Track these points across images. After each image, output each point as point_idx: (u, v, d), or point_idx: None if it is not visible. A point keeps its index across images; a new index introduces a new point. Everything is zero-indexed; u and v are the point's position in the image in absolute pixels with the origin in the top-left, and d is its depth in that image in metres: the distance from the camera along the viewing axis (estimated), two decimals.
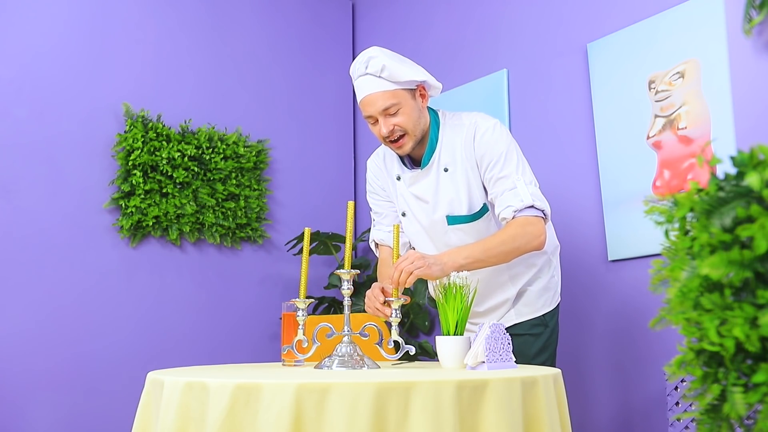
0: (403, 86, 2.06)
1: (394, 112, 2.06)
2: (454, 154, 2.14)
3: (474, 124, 2.15)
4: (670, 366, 0.99)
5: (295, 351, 1.96)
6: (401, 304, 1.93)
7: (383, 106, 2.05)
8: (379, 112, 2.06)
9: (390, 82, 2.04)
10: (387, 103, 2.04)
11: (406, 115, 2.07)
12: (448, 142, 2.15)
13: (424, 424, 1.38)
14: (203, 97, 3.49)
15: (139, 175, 3.18)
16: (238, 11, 3.66)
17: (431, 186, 2.16)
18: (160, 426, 1.52)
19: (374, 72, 2.04)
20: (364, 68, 2.06)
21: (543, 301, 2.25)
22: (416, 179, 2.19)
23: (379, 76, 2.04)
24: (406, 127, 2.08)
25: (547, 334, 2.25)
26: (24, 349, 2.94)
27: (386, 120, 2.06)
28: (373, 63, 2.04)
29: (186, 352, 3.29)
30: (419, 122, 2.11)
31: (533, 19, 3.05)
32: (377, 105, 2.05)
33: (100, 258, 3.15)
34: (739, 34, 2.32)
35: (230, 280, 3.48)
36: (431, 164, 2.16)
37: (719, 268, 0.89)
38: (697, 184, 0.97)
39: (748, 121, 2.29)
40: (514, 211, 2.02)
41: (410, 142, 2.11)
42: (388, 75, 2.03)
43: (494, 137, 2.11)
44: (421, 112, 2.12)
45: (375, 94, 2.05)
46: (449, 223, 2.16)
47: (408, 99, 2.08)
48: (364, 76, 2.06)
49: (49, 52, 3.12)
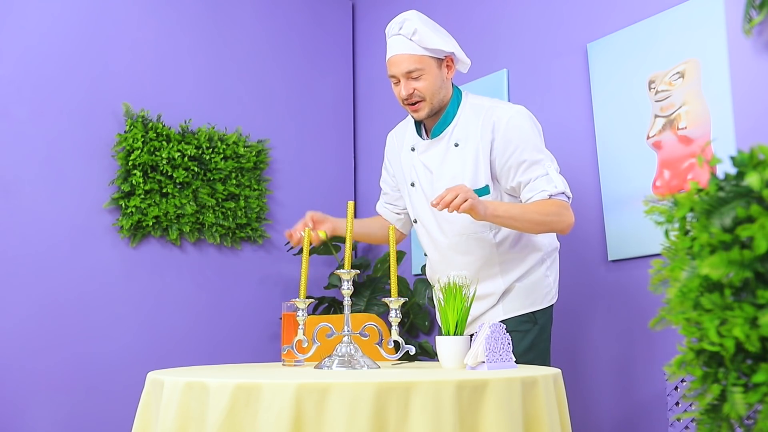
0: (431, 53, 2.12)
1: (417, 76, 2.12)
2: (468, 132, 2.18)
3: (496, 109, 2.18)
4: (670, 366, 0.99)
5: (295, 351, 1.96)
6: (401, 305, 1.93)
7: (407, 68, 2.12)
8: (402, 73, 2.13)
9: (419, 47, 2.11)
10: (411, 66, 2.11)
11: (427, 82, 2.13)
12: (464, 120, 2.19)
13: (424, 424, 1.39)
14: (203, 97, 3.49)
15: (139, 175, 3.18)
16: (238, 11, 3.65)
17: (438, 157, 2.21)
18: (160, 426, 1.52)
19: (406, 34, 2.12)
20: (398, 28, 2.14)
21: (533, 298, 2.24)
22: (427, 148, 2.24)
23: (410, 38, 2.11)
24: (425, 93, 2.13)
25: (536, 332, 2.22)
26: (24, 348, 2.94)
27: (407, 83, 2.13)
28: (407, 25, 2.12)
29: (186, 352, 3.29)
30: (439, 91, 2.16)
31: (533, 19, 3.05)
32: (402, 66, 2.13)
33: (100, 258, 3.15)
34: (739, 34, 2.32)
35: (230, 280, 3.48)
36: (443, 136, 2.21)
37: (719, 268, 0.89)
38: (697, 184, 0.97)
39: (748, 121, 2.29)
40: (549, 195, 2.08)
41: (427, 108, 2.16)
42: (418, 39, 2.10)
43: (520, 123, 2.15)
44: (444, 83, 2.18)
45: (402, 55, 2.13)
46: None
47: (433, 67, 2.14)
48: (397, 35, 2.14)
49: (49, 51, 3.12)
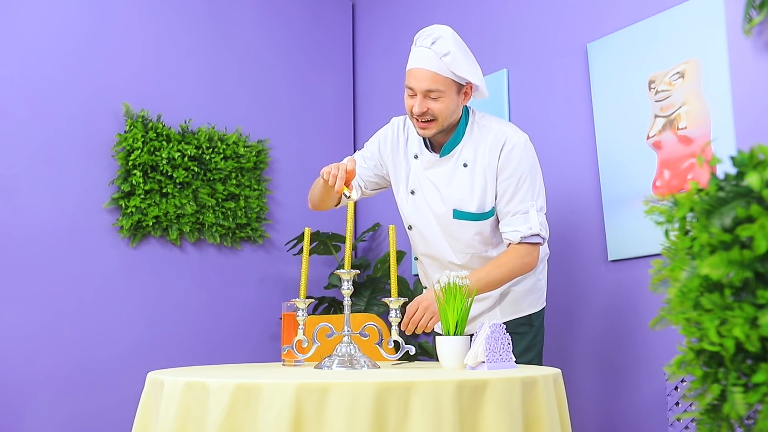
0: (455, 79, 2.08)
1: (436, 97, 2.07)
2: (476, 153, 2.17)
3: (504, 134, 2.17)
4: (670, 366, 0.99)
5: (295, 351, 1.96)
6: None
7: (429, 87, 2.06)
8: (422, 90, 2.07)
9: (447, 69, 2.05)
10: (433, 86, 2.06)
11: (443, 105, 2.08)
12: (473, 141, 2.18)
13: (424, 424, 1.39)
14: (203, 97, 3.49)
15: (139, 175, 3.18)
16: (238, 11, 3.66)
17: (446, 176, 2.19)
18: (160, 426, 1.52)
19: (438, 51, 2.05)
20: (429, 42, 2.06)
21: (528, 301, 2.30)
22: (434, 165, 2.21)
23: (440, 58, 2.05)
24: (439, 115, 2.09)
25: (533, 334, 2.29)
26: (24, 349, 2.94)
27: (424, 101, 2.08)
28: (441, 43, 2.05)
29: (186, 352, 3.29)
30: (452, 116, 2.13)
31: (533, 19, 3.05)
32: (423, 83, 2.06)
33: (100, 258, 3.15)
34: (739, 34, 2.32)
35: (230, 280, 3.48)
36: (452, 155, 2.19)
37: (719, 268, 0.89)
38: (697, 184, 0.97)
39: (748, 121, 2.29)
40: (521, 237, 2.11)
41: (435, 129, 2.13)
42: (449, 62, 2.05)
43: (523, 154, 2.15)
44: (458, 108, 2.15)
45: (428, 71, 2.05)
46: (454, 217, 2.20)
47: (452, 92, 2.09)
48: (428, 49, 2.06)
49: (49, 51, 3.12)
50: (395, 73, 3.76)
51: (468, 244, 2.22)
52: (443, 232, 2.24)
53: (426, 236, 2.27)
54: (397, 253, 2.14)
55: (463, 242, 2.23)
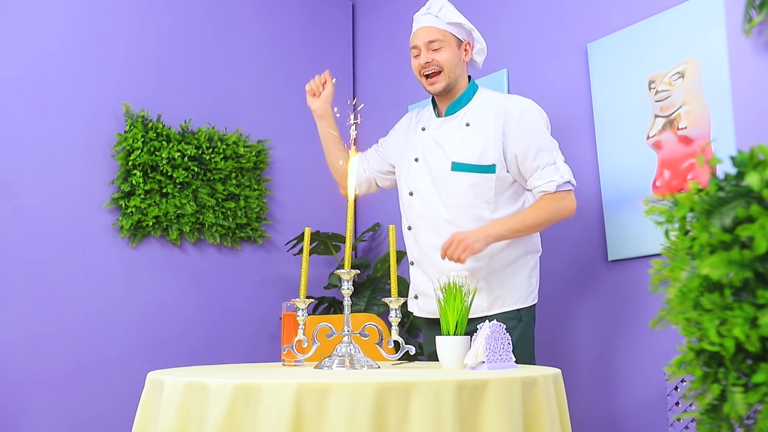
0: (453, 30, 2.32)
1: (437, 47, 2.31)
2: (480, 115, 2.31)
3: (511, 98, 2.36)
4: (670, 366, 0.99)
5: (295, 351, 1.96)
6: (400, 304, 1.93)
7: (429, 38, 2.31)
8: (424, 43, 2.31)
9: (442, 21, 2.31)
10: (433, 36, 2.31)
11: (447, 55, 2.30)
12: (477, 106, 2.34)
13: (424, 424, 1.39)
14: (203, 97, 3.49)
15: (139, 175, 3.18)
16: (238, 11, 3.65)
17: (449, 134, 2.34)
18: (160, 426, 1.52)
19: (433, 11, 2.33)
20: (426, 9, 2.36)
21: (518, 296, 2.30)
22: (439, 126, 2.38)
23: (435, 15, 2.32)
24: (443, 65, 2.30)
25: (521, 329, 2.29)
26: (24, 348, 2.94)
27: (428, 53, 2.31)
28: (435, 3, 2.34)
29: (186, 352, 3.29)
30: (456, 69, 2.32)
31: (533, 19, 3.05)
32: (425, 37, 2.32)
33: (100, 258, 3.14)
34: (739, 34, 2.32)
35: (230, 280, 3.48)
36: (456, 116, 2.35)
37: (719, 268, 0.89)
38: (697, 184, 0.97)
39: (748, 121, 2.29)
40: (557, 186, 2.22)
41: (443, 81, 2.32)
42: (443, 15, 2.31)
43: (535, 113, 2.30)
44: (460, 63, 2.34)
45: (426, 27, 2.33)
46: (452, 169, 2.28)
47: (452, 43, 2.32)
48: (425, 15, 2.35)
49: (49, 52, 3.12)
50: (395, 73, 3.76)
51: (462, 197, 2.26)
52: (438, 189, 2.31)
53: (424, 198, 2.34)
54: (397, 253, 2.14)
55: (457, 195, 2.27)
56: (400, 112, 3.68)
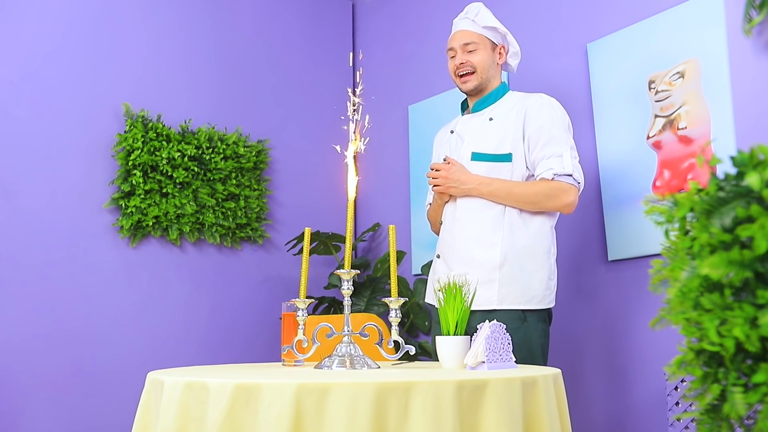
0: (487, 34, 2.43)
1: (472, 49, 2.42)
2: (504, 112, 2.40)
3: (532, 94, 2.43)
4: (670, 366, 0.99)
5: (295, 351, 1.96)
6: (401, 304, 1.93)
7: (465, 40, 2.43)
8: (460, 45, 2.43)
9: (478, 25, 2.43)
10: (468, 39, 2.42)
11: (480, 57, 2.42)
12: (504, 104, 2.43)
13: (424, 424, 1.39)
14: (203, 97, 3.49)
15: (139, 175, 3.18)
16: (238, 11, 3.65)
17: (473, 129, 2.44)
18: (160, 426, 1.52)
19: (470, 15, 2.45)
20: (464, 14, 2.48)
21: (528, 297, 2.25)
22: (466, 122, 2.48)
23: (472, 19, 2.44)
24: (477, 65, 2.42)
25: (523, 332, 2.23)
26: (24, 348, 2.94)
27: (462, 54, 2.43)
28: (473, 8, 2.46)
29: (186, 352, 3.29)
30: (488, 70, 2.44)
31: (533, 19, 3.05)
32: (461, 39, 2.44)
33: (100, 258, 3.14)
34: (739, 34, 2.32)
35: (230, 280, 3.48)
36: (482, 113, 2.45)
37: (719, 268, 0.89)
38: (697, 184, 0.97)
39: (748, 121, 2.29)
40: (554, 174, 2.25)
41: (475, 81, 2.43)
42: (479, 19, 2.43)
43: (552, 105, 2.36)
44: (494, 66, 2.46)
45: (463, 30, 2.45)
46: (471, 159, 2.38)
47: (487, 46, 2.44)
48: (463, 19, 2.47)
49: (49, 52, 3.12)
50: (395, 73, 3.76)
51: None
52: None
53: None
54: (397, 253, 2.15)
55: None
56: (401, 112, 3.69)
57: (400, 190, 3.62)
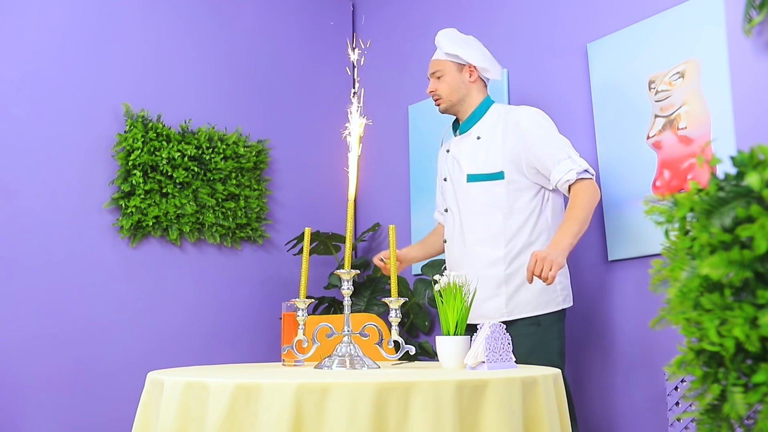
0: (451, 58, 2.51)
1: (438, 76, 2.53)
2: (489, 128, 2.47)
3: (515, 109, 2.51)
4: (670, 366, 0.99)
5: (295, 351, 1.96)
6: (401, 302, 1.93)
7: (432, 69, 2.55)
8: (429, 73, 2.57)
9: (442, 53, 2.54)
10: (434, 67, 2.55)
11: (444, 83, 2.51)
12: (488, 120, 2.50)
13: (424, 424, 1.39)
14: (203, 97, 3.49)
15: (139, 175, 3.17)
16: (239, 11, 3.65)
17: (465, 150, 2.51)
18: (160, 426, 1.52)
19: (437, 46, 2.57)
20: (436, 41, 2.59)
21: (539, 302, 2.32)
22: (457, 143, 2.56)
23: (437, 48, 2.56)
24: (442, 92, 2.52)
25: (539, 335, 2.28)
26: (24, 348, 2.94)
27: (432, 82, 2.55)
28: (437, 36, 2.56)
29: (186, 352, 3.29)
30: (457, 92, 2.51)
31: (533, 19, 3.05)
32: (430, 68, 2.57)
33: (100, 258, 3.14)
34: (739, 34, 2.32)
35: (230, 280, 3.48)
36: (469, 133, 2.52)
37: (719, 268, 0.89)
38: (697, 184, 0.97)
39: (748, 121, 2.29)
40: (577, 174, 2.31)
41: (444, 104, 2.53)
42: (442, 46, 2.54)
43: (540, 116, 2.43)
44: (464, 85, 2.52)
45: (432, 60, 2.58)
46: (467, 181, 2.45)
47: (452, 70, 2.51)
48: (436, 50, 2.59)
49: (49, 52, 3.12)
50: (395, 73, 3.76)
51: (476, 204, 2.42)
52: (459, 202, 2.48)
53: (453, 213, 2.52)
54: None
55: (471, 204, 2.44)
56: (401, 112, 3.68)
57: (400, 190, 3.62)
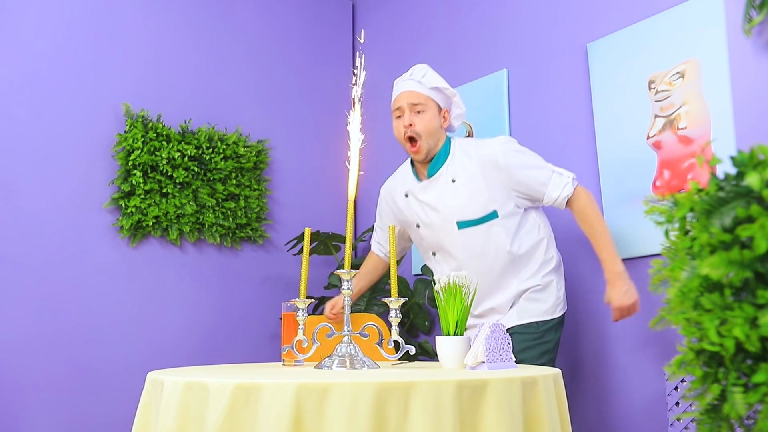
0: (434, 96, 2.37)
1: (420, 110, 2.35)
2: (463, 168, 2.36)
3: (485, 144, 2.39)
4: (670, 366, 0.99)
5: (295, 351, 1.96)
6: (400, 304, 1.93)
7: (413, 100, 2.36)
8: (408, 104, 2.36)
9: (425, 87, 2.36)
10: (416, 99, 2.36)
11: (426, 121, 2.35)
12: (457, 159, 2.38)
13: (424, 424, 1.38)
14: (203, 97, 3.49)
15: (139, 175, 3.17)
16: (239, 11, 3.65)
17: (439, 194, 2.38)
18: (160, 426, 1.52)
19: (416, 77, 2.37)
20: (409, 75, 2.40)
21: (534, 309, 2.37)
22: (426, 189, 2.42)
23: (419, 81, 2.37)
24: (422, 131, 2.34)
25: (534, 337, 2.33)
26: (24, 348, 2.94)
27: (410, 115, 2.35)
28: (419, 69, 2.39)
29: (186, 352, 3.29)
30: (434, 135, 2.37)
31: (533, 19, 3.05)
32: (409, 99, 2.36)
33: (100, 258, 3.14)
34: (739, 34, 2.32)
35: (230, 280, 3.47)
36: (439, 175, 2.39)
37: (719, 268, 0.89)
38: (697, 184, 0.97)
39: (748, 121, 2.29)
40: (572, 187, 2.34)
41: (424, 148, 2.36)
42: (427, 80, 2.36)
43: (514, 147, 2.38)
44: (439, 130, 2.39)
45: (410, 91, 2.37)
46: (459, 227, 2.35)
47: (434, 109, 2.37)
48: (408, 80, 2.39)
49: (49, 52, 3.12)
50: (395, 73, 3.76)
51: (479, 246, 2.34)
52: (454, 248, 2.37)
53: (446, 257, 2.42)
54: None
55: (474, 249, 2.34)
56: None
57: None
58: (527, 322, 2.33)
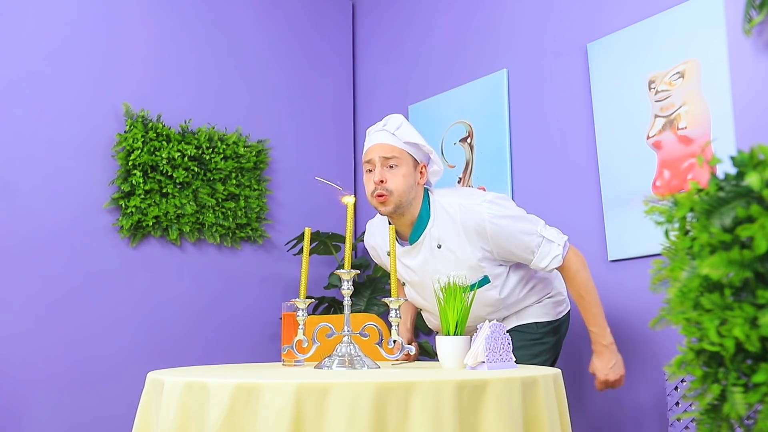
0: (410, 150, 2.16)
1: (393, 165, 2.14)
2: (448, 232, 2.17)
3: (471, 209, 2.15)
4: (670, 366, 0.99)
5: (295, 351, 1.96)
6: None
7: (386, 154, 2.14)
8: (380, 157, 2.14)
9: (400, 140, 2.15)
10: (390, 153, 2.14)
11: (400, 177, 2.13)
12: (440, 221, 2.18)
13: (424, 424, 1.38)
14: (203, 97, 3.49)
15: (139, 175, 3.17)
16: (239, 11, 3.65)
17: (424, 262, 2.21)
18: (161, 426, 1.52)
19: (390, 128, 2.16)
20: (382, 125, 2.19)
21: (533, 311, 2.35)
22: (409, 254, 2.23)
23: (393, 133, 2.15)
24: (394, 189, 2.13)
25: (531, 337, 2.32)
26: (24, 348, 2.94)
27: (382, 170, 2.13)
28: (393, 120, 2.18)
29: (186, 352, 3.29)
30: (408, 192, 2.15)
31: (533, 19, 3.05)
32: (381, 152, 2.14)
33: (100, 258, 3.14)
34: (739, 34, 2.32)
35: (230, 280, 3.48)
36: (421, 241, 2.19)
37: (719, 268, 0.89)
38: (697, 184, 0.97)
39: (748, 121, 2.29)
40: (561, 257, 2.18)
41: (392, 204, 2.14)
42: (401, 133, 2.15)
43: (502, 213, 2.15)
44: (414, 187, 2.17)
45: (384, 143, 2.15)
46: None
47: (409, 164, 2.16)
48: (381, 131, 2.18)
49: (49, 52, 3.12)
50: (395, 74, 3.76)
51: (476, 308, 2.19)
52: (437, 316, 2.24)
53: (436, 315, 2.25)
54: None
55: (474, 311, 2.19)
56: (400, 112, 3.68)
57: None
58: (527, 323, 2.33)
